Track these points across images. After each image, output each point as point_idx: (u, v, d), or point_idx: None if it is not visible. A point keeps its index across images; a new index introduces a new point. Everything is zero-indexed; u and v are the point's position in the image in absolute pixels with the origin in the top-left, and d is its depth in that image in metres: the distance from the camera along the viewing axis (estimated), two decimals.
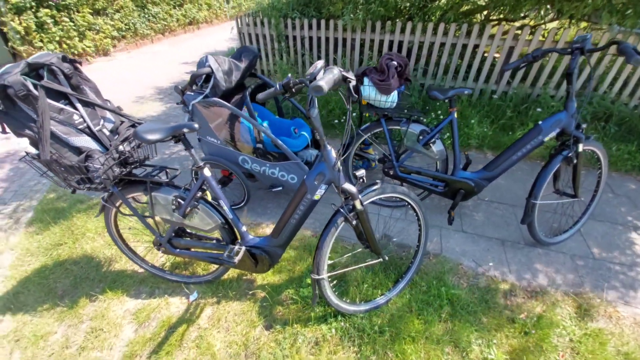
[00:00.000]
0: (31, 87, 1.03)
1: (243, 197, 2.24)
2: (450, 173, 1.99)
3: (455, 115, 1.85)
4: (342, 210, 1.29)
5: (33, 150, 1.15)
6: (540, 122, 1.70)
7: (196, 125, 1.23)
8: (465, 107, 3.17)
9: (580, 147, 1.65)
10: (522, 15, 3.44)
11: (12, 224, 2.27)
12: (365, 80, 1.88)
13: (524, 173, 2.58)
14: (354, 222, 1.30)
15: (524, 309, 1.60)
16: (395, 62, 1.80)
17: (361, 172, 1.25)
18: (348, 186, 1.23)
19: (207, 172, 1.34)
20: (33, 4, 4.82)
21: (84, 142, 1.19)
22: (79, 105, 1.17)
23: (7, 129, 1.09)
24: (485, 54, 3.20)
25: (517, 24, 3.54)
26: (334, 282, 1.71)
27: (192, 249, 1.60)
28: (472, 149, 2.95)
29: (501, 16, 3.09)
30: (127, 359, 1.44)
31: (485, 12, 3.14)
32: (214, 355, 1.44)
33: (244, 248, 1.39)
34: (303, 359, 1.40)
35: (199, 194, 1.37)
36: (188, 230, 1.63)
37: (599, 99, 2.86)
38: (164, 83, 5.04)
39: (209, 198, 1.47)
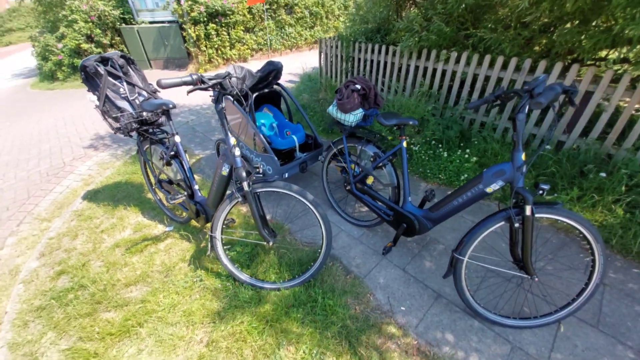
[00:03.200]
0: (100, 69, 1.89)
1: None
2: (400, 204, 1.93)
3: (405, 144, 1.80)
4: (234, 190, 1.62)
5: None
6: (485, 170, 1.48)
7: (171, 105, 1.84)
8: (501, 149, 2.70)
9: (527, 211, 1.35)
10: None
11: (121, 156, 3.64)
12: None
13: None
14: (240, 200, 1.61)
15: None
16: (358, 86, 1.94)
17: (256, 161, 1.56)
18: (240, 171, 1.56)
19: (177, 139, 1.95)
20: (205, 19, 7.02)
21: (124, 105, 2.00)
22: (124, 83, 1.99)
23: (88, 89, 2.00)
24: None
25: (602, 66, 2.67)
26: (245, 254, 2.03)
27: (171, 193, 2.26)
28: None
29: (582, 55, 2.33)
30: (114, 246, 2.22)
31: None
32: (150, 266, 2.03)
33: (182, 198, 1.92)
34: (191, 294, 1.81)
35: (172, 153, 1.99)
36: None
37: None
38: None
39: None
